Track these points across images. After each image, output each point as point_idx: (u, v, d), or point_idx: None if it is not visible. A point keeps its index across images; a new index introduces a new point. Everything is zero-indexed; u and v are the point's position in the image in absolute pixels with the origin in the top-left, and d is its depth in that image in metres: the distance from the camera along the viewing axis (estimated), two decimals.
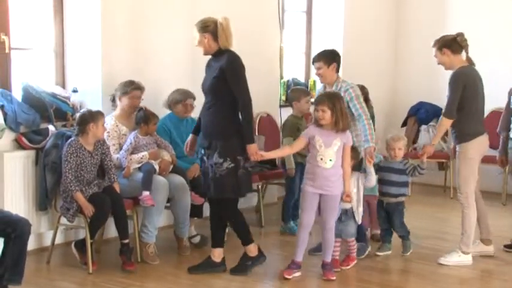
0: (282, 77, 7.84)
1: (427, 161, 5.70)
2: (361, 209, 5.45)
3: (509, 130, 5.96)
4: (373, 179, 5.43)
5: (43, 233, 5.87)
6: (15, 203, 5.53)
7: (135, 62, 6.28)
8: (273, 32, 7.73)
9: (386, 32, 8.80)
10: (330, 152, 5.11)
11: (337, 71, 5.64)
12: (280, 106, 7.41)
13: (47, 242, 5.76)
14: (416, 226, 6.14)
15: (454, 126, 5.57)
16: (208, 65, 5.29)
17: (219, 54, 5.14)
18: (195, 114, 5.90)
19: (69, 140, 5.50)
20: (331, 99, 5.12)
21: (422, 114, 8.44)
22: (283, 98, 7.70)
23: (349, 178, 5.27)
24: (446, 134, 8.33)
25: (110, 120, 5.85)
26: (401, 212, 5.84)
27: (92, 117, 5.47)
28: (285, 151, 5.82)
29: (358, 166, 5.47)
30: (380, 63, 8.07)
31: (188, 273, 5.30)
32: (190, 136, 5.53)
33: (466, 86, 5.43)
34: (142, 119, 5.77)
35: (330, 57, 5.61)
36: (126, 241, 5.55)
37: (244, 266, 5.30)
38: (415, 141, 8.26)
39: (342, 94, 5.39)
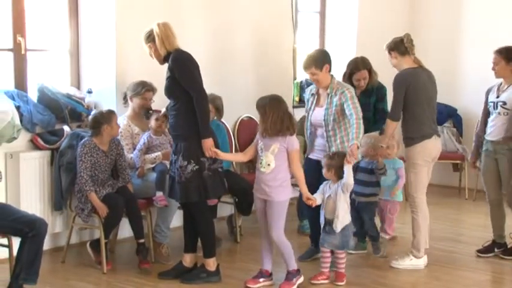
0: (295, 78, 7.85)
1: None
2: (344, 215, 5.12)
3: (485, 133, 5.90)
4: (348, 179, 5.05)
5: (58, 232, 5.90)
6: (30, 203, 5.57)
7: (149, 63, 6.30)
8: (287, 33, 7.76)
9: (401, 34, 8.79)
10: (269, 156, 4.97)
11: (330, 70, 5.41)
12: (294, 107, 7.37)
13: (62, 242, 5.80)
14: (431, 228, 6.05)
15: (402, 128, 5.53)
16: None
17: (168, 57, 5.08)
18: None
19: (84, 140, 5.54)
20: (258, 105, 5.05)
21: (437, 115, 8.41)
22: (297, 98, 7.74)
23: (303, 182, 5.04)
24: (461, 135, 8.37)
25: (123, 120, 5.91)
26: (372, 211, 5.83)
27: (105, 118, 5.52)
28: (238, 157, 5.68)
29: (342, 173, 5.15)
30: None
31: (158, 277, 5.24)
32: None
33: (409, 87, 5.33)
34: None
35: (320, 60, 5.34)
36: (142, 240, 5.60)
37: (197, 276, 5.18)
38: None
39: (338, 97, 5.26)
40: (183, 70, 5.00)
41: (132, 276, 5.33)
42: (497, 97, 5.74)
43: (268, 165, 4.97)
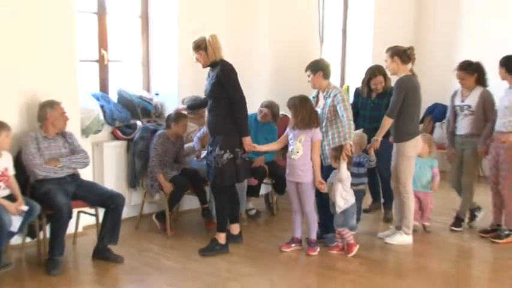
0: None
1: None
2: (340, 200, 5.02)
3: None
4: (342, 173, 4.95)
5: (133, 205, 5.99)
6: (112, 182, 5.70)
7: (205, 72, 6.45)
8: (315, 46, 7.75)
9: (407, 45, 8.80)
10: (298, 145, 4.99)
11: (325, 77, 5.21)
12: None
13: (136, 213, 5.91)
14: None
15: (395, 126, 5.37)
16: (208, 75, 5.17)
17: (214, 65, 5.02)
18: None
19: (159, 132, 5.69)
20: (290, 103, 5.06)
21: (436, 113, 8.32)
22: None
23: (319, 168, 5.02)
24: None
25: None
26: (360, 198, 5.65)
27: (173, 118, 5.66)
28: (273, 146, 5.49)
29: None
30: None
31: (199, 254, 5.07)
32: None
33: (408, 92, 5.26)
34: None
35: (315, 67, 5.21)
36: (206, 205, 5.77)
37: (212, 249, 5.08)
38: (431, 134, 7.99)
39: (331, 98, 5.13)
40: (230, 79, 4.98)
41: (191, 241, 5.41)
42: (462, 101, 5.77)
43: (298, 152, 5.00)
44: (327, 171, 5.17)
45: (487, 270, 5.10)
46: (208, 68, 5.13)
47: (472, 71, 5.72)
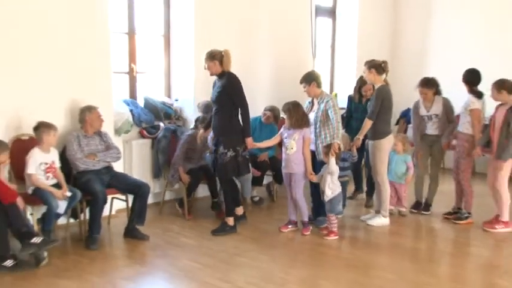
0: None
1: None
2: (328, 190, 4.96)
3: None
4: (331, 167, 4.91)
5: (157, 192, 5.99)
6: (139, 173, 5.71)
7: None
8: (308, 60, 7.68)
9: (386, 58, 8.84)
10: (292, 142, 4.98)
11: (318, 86, 5.15)
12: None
13: (159, 199, 5.92)
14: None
15: (372, 127, 5.36)
16: (214, 83, 5.08)
17: (222, 75, 4.93)
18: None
19: (190, 131, 5.67)
20: (285, 107, 5.02)
21: (409, 116, 7.74)
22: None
23: (310, 161, 5.01)
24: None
25: None
26: (345, 188, 5.55)
27: (198, 121, 5.64)
28: (270, 143, 5.30)
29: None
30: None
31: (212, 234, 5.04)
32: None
33: (384, 99, 5.29)
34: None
35: (309, 79, 5.15)
36: (216, 199, 5.77)
37: (223, 229, 5.07)
38: (405, 134, 7.73)
39: (324, 104, 5.07)
40: (236, 89, 4.90)
41: (206, 223, 5.43)
42: (428, 112, 5.70)
43: (292, 148, 4.99)
44: (319, 165, 5.14)
45: (449, 246, 5.11)
46: (215, 77, 5.04)
47: (431, 86, 5.65)
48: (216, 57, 4.88)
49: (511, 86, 5.22)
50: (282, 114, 4.95)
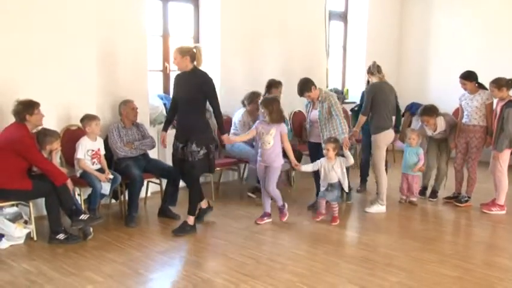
0: (327, 86, 7.72)
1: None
2: (346, 182, 4.89)
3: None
4: (350, 159, 4.82)
5: None
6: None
7: (239, 77, 6.31)
8: (322, 59, 7.67)
9: (393, 59, 8.80)
10: (269, 137, 4.67)
11: (316, 88, 4.99)
12: None
13: None
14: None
15: (369, 122, 5.27)
16: (180, 79, 4.44)
17: (192, 71, 4.34)
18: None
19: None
20: (266, 103, 4.67)
21: (413, 110, 7.92)
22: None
23: (291, 152, 4.74)
24: None
25: (242, 112, 5.69)
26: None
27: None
28: (244, 137, 4.93)
29: (338, 152, 4.87)
30: (389, 79, 7.79)
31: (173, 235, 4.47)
32: (163, 133, 4.71)
33: (375, 95, 5.15)
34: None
35: (308, 86, 4.97)
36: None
37: (183, 229, 4.47)
38: (409, 125, 7.65)
39: (326, 102, 4.92)
40: (212, 87, 4.38)
41: (228, 204, 5.41)
42: (434, 132, 5.60)
43: (269, 143, 4.69)
44: (320, 151, 4.98)
45: (450, 226, 5.09)
46: (180, 72, 4.43)
47: (432, 113, 5.48)
48: (187, 53, 4.29)
49: (507, 82, 5.18)
50: (261, 109, 4.70)
